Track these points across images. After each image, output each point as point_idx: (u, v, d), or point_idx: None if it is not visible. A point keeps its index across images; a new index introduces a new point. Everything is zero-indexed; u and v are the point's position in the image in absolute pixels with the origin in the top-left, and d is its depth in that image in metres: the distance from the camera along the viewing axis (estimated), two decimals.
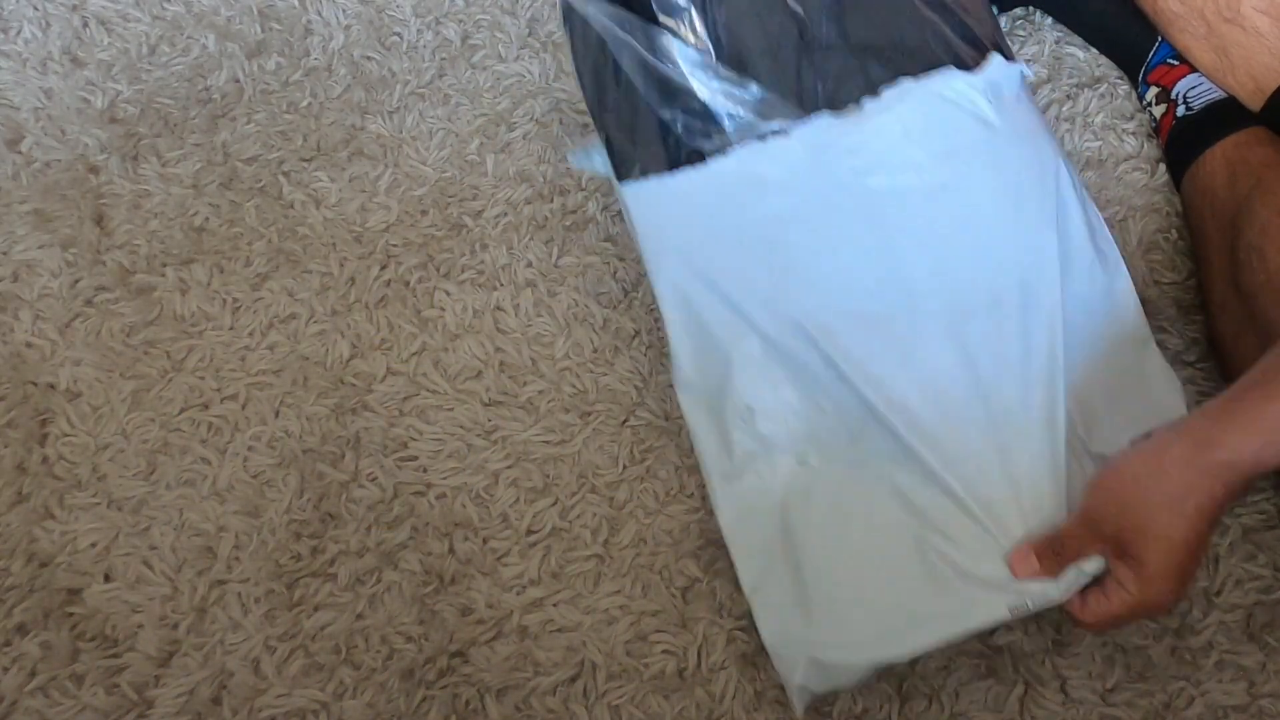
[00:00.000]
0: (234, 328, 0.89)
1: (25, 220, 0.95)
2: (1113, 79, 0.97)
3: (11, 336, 0.89)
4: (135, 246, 0.93)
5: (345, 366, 0.87)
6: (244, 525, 0.80)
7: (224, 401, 0.86)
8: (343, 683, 0.75)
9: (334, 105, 1.00)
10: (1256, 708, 0.71)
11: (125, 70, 1.03)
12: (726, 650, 0.75)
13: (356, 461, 0.83)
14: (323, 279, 0.91)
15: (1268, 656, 0.72)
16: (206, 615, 0.78)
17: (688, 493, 0.80)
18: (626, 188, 0.76)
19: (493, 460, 0.82)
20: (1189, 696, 0.71)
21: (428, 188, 0.95)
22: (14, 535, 0.81)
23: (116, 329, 0.89)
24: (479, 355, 0.86)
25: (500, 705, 0.74)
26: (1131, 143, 0.93)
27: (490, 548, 0.79)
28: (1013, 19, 1.00)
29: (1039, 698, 0.72)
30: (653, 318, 0.87)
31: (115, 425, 0.85)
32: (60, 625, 0.78)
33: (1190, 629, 0.73)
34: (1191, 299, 0.86)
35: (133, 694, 0.75)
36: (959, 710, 0.72)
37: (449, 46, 1.03)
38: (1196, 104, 0.88)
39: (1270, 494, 0.78)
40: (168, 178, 0.97)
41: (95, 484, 0.83)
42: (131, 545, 0.80)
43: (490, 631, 0.76)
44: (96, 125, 1.00)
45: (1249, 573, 0.75)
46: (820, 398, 0.71)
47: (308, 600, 0.78)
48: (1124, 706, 0.71)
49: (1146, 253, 0.88)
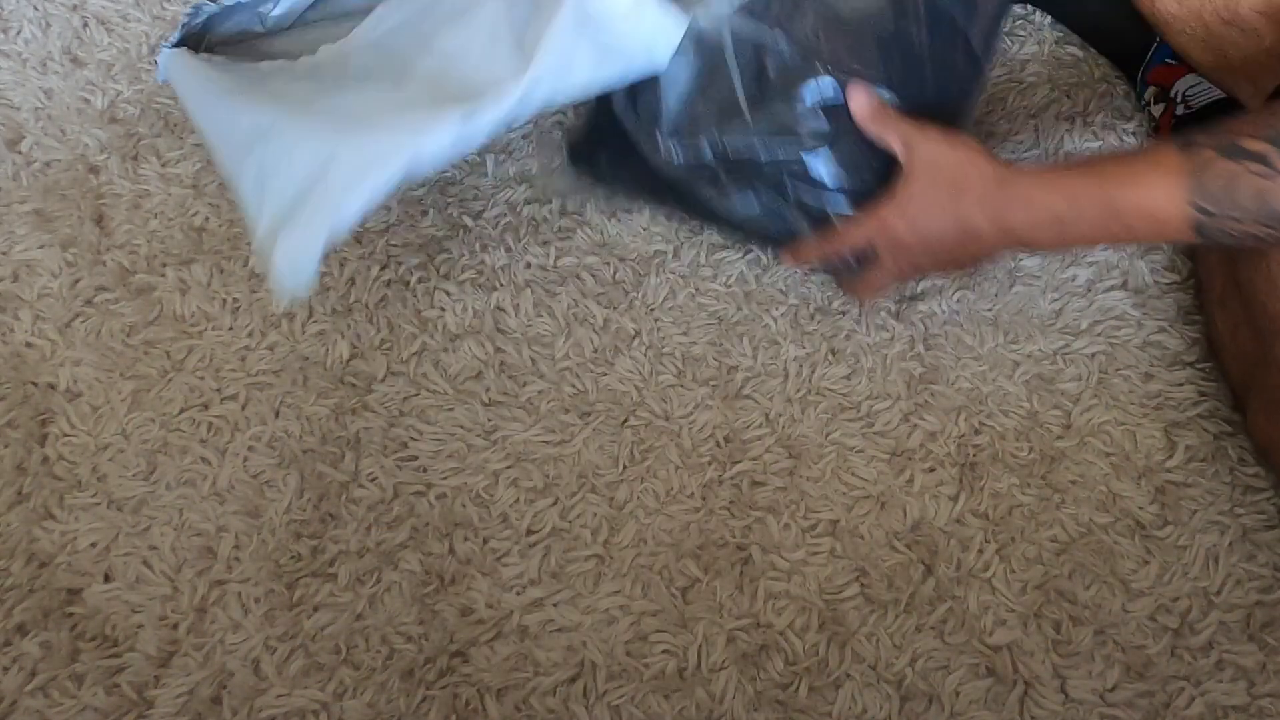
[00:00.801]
0: (234, 328, 0.89)
1: (25, 220, 0.95)
2: (1112, 79, 0.97)
3: (11, 336, 0.89)
4: (135, 246, 0.93)
5: (345, 366, 0.87)
6: (244, 525, 0.80)
7: (224, 401, 0.86)
8: (343, 683, 0.75)
9: None
10: (1256, 708, 0.71)
11: (125, 70, 1.03)
12: (726, 650, 0.75)
13: (356, 461, 0.83)
14: (322, 279, 0.91)
15: (1268, 656, 0.72)
16: (206, 615, 0.78)
17: (688, 493, 0.81)
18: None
19: (493, 460, 0.82)
20: (1189, 696, 0.71)
21: (428, 188, 0.95)
22: (14, 535, 0.81)
23: (116, 329, 0.89)
24: (479, 355, 0.86)
25: (500, 705, 0.74)
26: (1131, 142, 0.93)
27: (490, 548, 0.79)
28: (1013, 19, 1.00)
29: (1039, 698, 0.72)
30: (653, 318, 0.87)
31: (115, 425, 0.85)
32: (60, 625, 0.78)
33: (1190, 629, 0.74)
34: (1191, 299, 0.86)
35: (133, 694, 0.75)
36: (959, 710, 0.72)
37: None
38: (1196, 104, 0.88)
39: (1270, 494, 0.78)
40: (168, 178, 0.97)
41: (95, 484, 0.83)
42: (131, 545, 0.80)
43: (490, 631, 0.76)
44: (96, 125, 1.00)
45: (1249, 573, 0.75)
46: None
47: (308, 600, 0.78)
48: (1124, 706, 0.71)
49: (1146, 253, 0.88)
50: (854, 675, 0.73)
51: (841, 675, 0.73)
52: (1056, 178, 0.71)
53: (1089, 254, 0.88)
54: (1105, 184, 0.68)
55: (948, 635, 0.74)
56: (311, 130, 0.77)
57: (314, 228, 0.72)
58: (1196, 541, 0.76)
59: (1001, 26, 0.81)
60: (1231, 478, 0.78)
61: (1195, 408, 0.82)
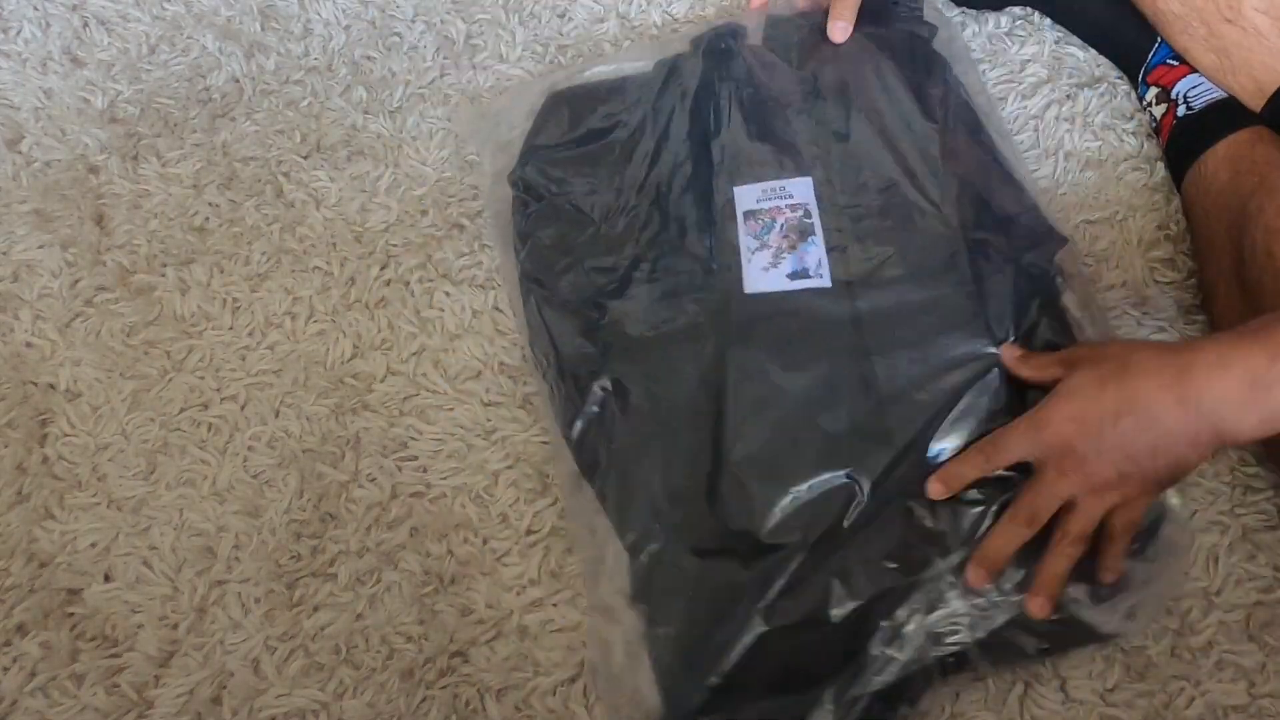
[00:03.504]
0: (234, 327, 0.89)
1: (25, 220, 0.95)
2: (1112, 79, 0.97)
3: (11, 336, 0.89)
4: (135, 246, 0.93)
5: (345, 366, 0.87)
6: (244, 525, 0.80)
7: (224, 401, 0.86)
8: (343, 683, 0.75)
9: (334, 105, 1.00)
10: (1256, 708, 0.71)
11: (125, 70, 1.03)
12: None
13: (356, 461, 0.83)
14: (323, 279, 0.91)
15: (1268, 656, 0.72)
16: (206, 615, 0.78)
17: None
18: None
19: (493, 460, 0.82)
20: (1189, 696, 0.71)
21: (428, 188, 0.95)
22: (14, 535, 0.81)
23: (116, 329, 0.89)
24: (478, 355, 0.86)
25: (500, 705, 0.74)
26: (1131, 142, 0.93)
27: (490, 548, 0.79)
28: (1013, 19, 1.00)
29: (1039, 698, 0.72)
30: None
31: (115, 425, 0.85)
32: (60, 625, 0.78)
33: (1190, 629, 0.73)
34: (1191, 298, 0.86)
35: (133, 694, 0.75)
36: (959, 710, 0.72)
37: (450, 46, 1.03)
38: (1197, 104, 0.88)
39: (1270, 494, 0.78)
40: (168, 178, 0.97)
41: (95, 484, 0.83)
42: (131, 545, 0.80)
43: (490, 631, 0.76)
44: (96, 125, 1.00)
45: (1249, 573, 0.75)
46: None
47: (308, 600, 0.78)
48: (1124, 706, 0.71)
49: (1146, 252, 0.88)
50: None
51: None
52: (1252, 330, 0.59)
53: (1088, 252, 0.88)
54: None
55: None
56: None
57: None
58: (1196, 541, 0.76)
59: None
60: (1231, 478, 0.78)
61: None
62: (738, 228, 0.78)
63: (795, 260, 0.75)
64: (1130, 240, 0.88)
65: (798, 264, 0.75)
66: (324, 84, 1.02)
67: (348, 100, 1.01)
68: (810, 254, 0.75)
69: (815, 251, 0.75)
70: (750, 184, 0.79)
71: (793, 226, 0.77)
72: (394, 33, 1.05)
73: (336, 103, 1.00)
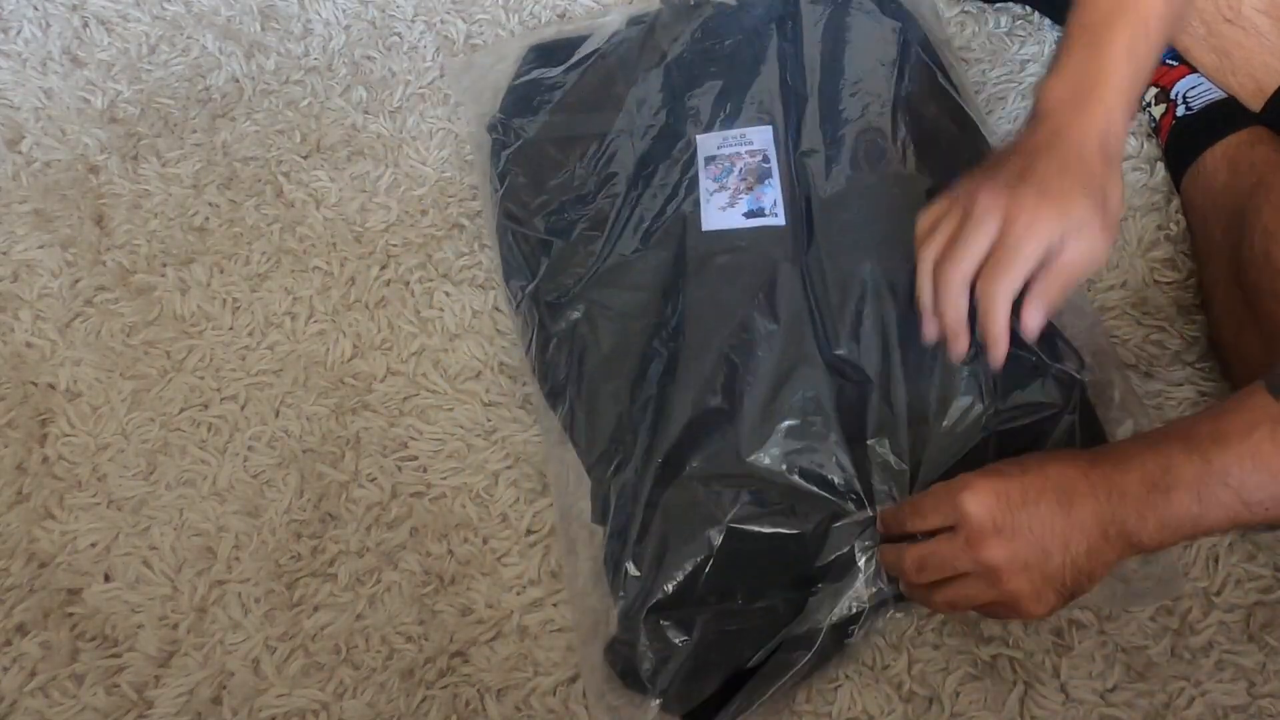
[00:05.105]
0: (234, 327, 0.89)
1: (25, 220, 0.95)
2: None
3: (11, 336, 0.89)
4: (135, 246, 0.93)
5: (345, 366, 0.87)
6: (244, 525, 0.80)
7: (224, 401, 0.86)
8: (343, 683, 0.75)
9: (334, 105, 1.00)
10: (1256, 708, 0.71)
11: (125, 70, 1.03)
12: None
13: (356, 461, 0.83)
14: (323, 279, 0.91)
15: (1268, 656, 0.72)
16: (206, 615, 0.78)
17: None
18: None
19: (493, 460, 0.82)
20: (1189, 696, 0.71)
21: (428, 188, 0.95)
22: (14, 535, 0.81)
23: (116, 329, 0.89)
24: (478, 355, 0.86)
25: (500, 705, 0.74)
26: (1131, 143, 0.93)
27: (490, 548, 0.79)
28: (1013, 19, 1.00)
29: (1039, 698, 0.72)
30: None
31: (115, 425, 0.85)
32: (60, 625, 0.78)
33: (1190, 629, 0.73)
34: (1191, 298, 0.86)
35: (133, 694, 0.75)
36: (959, 710, 0.72)
37: (450, 46, 1.04)
38: (1196, 104, 0.88)
39: None
40: (168, 178, 0.97)
41: (95, 484, 0.83)
42: (131, 545, 0.80)
43: (490, 631, 0.76)
44: (96, 125, 1.00)
45: (1249, 573, 0.75)
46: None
47: (308, 600, 0.78)
48: (1124, 706, 0.71)
49: (1146, 252, 0.88)
50: (853, 676, 0.73)
51: (840, 676, 0.73)
52: (1150, 439, 0.61)
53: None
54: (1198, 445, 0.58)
55: (947, 636, 0.74)
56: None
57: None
58: (1197, 542, 0.76)
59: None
60: None
61: (1195, 408, 0.82)
62: (698, 171, 0.83)
63: (752, 200, 0.81)
64: (1130, 240, 0.88)
65: (754, 204, 0.81)
66: (324, 84, 1.02)
67: (348, 100, 1.01)
68: (767, 195, 0.81)
69: (771, 193, 0.81)
70: (714, 131, 0.86)
71: (751, 170, 0.83)
72: (394, 33, 1.05)
73: (336, 103, 1.01)
